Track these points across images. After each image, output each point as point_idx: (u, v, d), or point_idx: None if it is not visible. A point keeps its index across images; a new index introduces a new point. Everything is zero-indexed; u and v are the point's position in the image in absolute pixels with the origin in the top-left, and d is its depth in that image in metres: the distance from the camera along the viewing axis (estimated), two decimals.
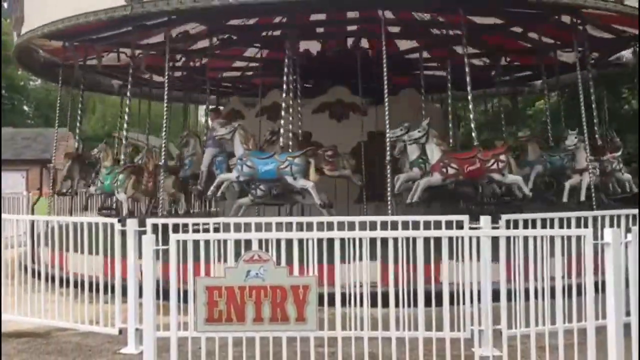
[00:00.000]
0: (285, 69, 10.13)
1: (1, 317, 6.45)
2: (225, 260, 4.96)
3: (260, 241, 4.90)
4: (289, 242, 4.98)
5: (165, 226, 6.38)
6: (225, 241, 5.08)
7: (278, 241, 5.11)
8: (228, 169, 10.31)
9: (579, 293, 4.85)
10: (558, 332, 4.59)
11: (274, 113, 12.79)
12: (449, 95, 12.08)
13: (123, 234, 6.20)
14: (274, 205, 10.53)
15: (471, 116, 10.10)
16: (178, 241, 4.58)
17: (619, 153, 11.82)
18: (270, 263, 4.32)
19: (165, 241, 4.77)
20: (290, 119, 10.18)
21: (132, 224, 6.06)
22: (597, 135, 12.27)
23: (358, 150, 11.48)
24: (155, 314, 4.58)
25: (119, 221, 6.43)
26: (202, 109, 19.92)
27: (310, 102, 12.83)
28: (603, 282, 4.49)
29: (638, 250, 4.53)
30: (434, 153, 9.31)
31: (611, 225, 6.07)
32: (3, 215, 7.25)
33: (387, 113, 9.58)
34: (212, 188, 9.94)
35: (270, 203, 10.40)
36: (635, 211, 6.91)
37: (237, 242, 4.93)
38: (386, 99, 9.56)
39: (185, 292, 4.60)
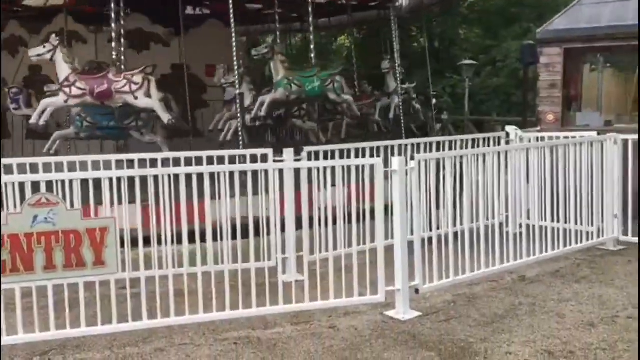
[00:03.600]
0: None
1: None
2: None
3: (49, 183, 4.47)
4: (85, 183, 4.62)
5: None
6: (6, 185, 4.54)
7: (71, 182, 4.72)
8: None
9: (372, 217, 5.26)
10: (353, 253, 4.98)
11: (63, 40, 11.54)
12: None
13: None
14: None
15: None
16: None
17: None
18: (61, 206, 3.99)
19: None
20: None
21: None
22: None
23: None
24: None
25: None
26: None
27: (106, 30, 11.79)
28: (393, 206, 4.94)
29: None
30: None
31: (399, 154, 6.63)
32: None
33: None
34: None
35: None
36: (419, 140, 7.64)
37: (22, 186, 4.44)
38: None
39: None
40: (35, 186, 4.39)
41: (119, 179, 4.70)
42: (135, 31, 11.61)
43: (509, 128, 7.96)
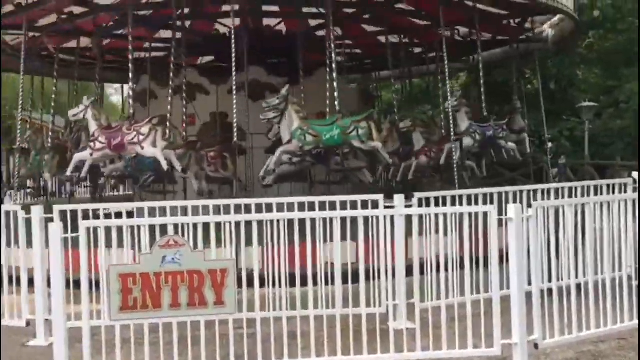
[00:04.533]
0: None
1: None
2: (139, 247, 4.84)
3: (176, 226, 4.80)
4: (206, 226, 4.92)
5: (74, 212, 6.10)
6: (139, 227, 4.93)
7: (195, 225, 5.03)
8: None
9: (485, 265, 5.11)
10: (466, 303, 4.84)
11: (189, 93, 12.51)
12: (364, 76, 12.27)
13: (28, 221, 5.88)
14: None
15: None
16: (88, 228, 4.41)
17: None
18: (187, 248, 4.26)
19: (75, 228, 4.58)
20: None
21: (37, 212, 5.76)
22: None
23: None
24: (65, 304, 4.40)
25: (23, 208, 6.08)
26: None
27: (226, 81, 12.61)
28: (507, 254, 4.77)
29: None
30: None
31: (514, 201, 6.42)
32: None
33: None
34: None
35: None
36: (537, 186, 7.37)
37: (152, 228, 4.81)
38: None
39: (97, 280, 4.44)
40: (163, 228, 4.74)
41: (237, 223, 4.96)
42: (253, 82, 12.31)
43: (636, 174, 7.45)
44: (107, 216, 6.32)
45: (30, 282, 5.78)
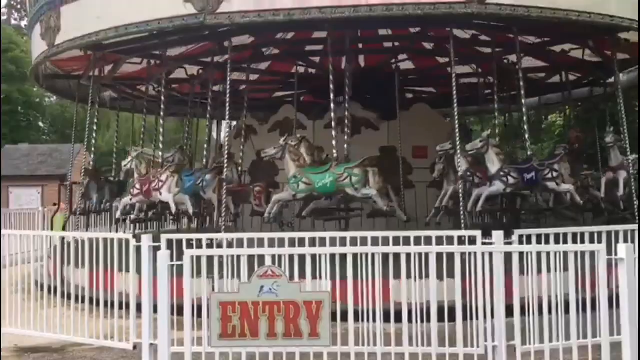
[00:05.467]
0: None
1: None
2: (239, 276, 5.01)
3: (273, 257, 4.93)
4: (302, 258, 5.01)
5: (179, 241, 6.43)
6: (238, 257, 5.12)
7: (291, 257, 5.14)
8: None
9: (593, 308, 4.82)
10: (572, 348, 4.56)
11: (287, 128, 12.92)
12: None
13: (138, 249, 6.26)
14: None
15: None
16: (192, 257, 4.63)
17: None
18: (284, 279, 4.36)
19: (180, 256, 4.82)
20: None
21: (146, 240, 6.12)
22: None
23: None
24: (170, 329, 4.62)
25: (134, 237, 6.49)
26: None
27: (323, 117, 12.91)
28: (617, 297, 4.47)
29: None
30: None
31: (625, 241, 6.02)
32: (20, 232, 7.37)
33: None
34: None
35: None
36: None
37: (251, 258, 4.98)
38: None
39: (200, 307, 4.64)
40: (260, 259, 4.88)
41: (332, 255, 5.02)
42: (348, 117, 12.50)
43: None
44: (209, 245, 6.62)
45: (138, 307, 6.12)
